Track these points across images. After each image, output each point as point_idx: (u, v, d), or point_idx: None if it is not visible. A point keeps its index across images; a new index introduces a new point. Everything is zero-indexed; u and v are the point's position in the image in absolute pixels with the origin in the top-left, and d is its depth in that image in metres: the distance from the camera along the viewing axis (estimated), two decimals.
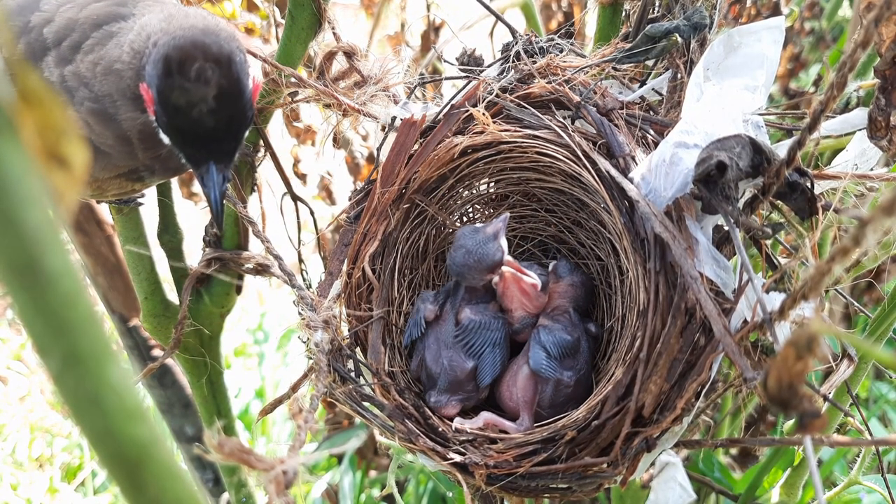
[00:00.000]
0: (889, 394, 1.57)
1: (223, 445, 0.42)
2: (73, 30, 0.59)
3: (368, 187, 0.77)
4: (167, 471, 0.24)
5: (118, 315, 1.04)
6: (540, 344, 0.74)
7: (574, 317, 0.78)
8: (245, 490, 1.01)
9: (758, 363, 0.55)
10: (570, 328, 0.76)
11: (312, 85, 0.74)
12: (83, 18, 0.60)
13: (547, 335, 0.74)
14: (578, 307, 0.79)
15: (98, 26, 0.59)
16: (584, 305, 0.81)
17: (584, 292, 0.80)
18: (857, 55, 0.45)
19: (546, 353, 0.73)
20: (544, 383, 0.73)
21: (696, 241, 0.57)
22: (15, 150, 0.20)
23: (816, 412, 0.39)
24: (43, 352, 0.21)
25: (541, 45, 0.73)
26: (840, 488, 0.83)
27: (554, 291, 0.79)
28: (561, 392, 0.73)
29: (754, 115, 0.61)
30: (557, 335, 0.74)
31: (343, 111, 0.75)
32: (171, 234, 0.89)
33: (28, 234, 0.20)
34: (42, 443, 1.85)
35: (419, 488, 1.40)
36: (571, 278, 0.79)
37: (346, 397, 0.69)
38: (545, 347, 0.73)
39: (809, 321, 0.40)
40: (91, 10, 0.60)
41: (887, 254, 0.75)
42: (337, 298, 0.74)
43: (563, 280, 0.79)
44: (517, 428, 0.72)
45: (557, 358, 0.73)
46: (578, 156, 0.67)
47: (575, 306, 0.79)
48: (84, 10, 0.60)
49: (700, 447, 1.06)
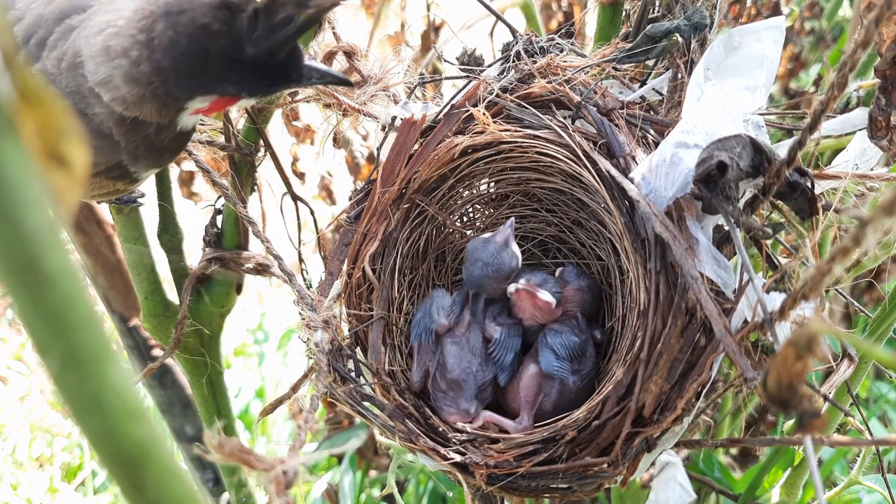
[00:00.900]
0: (889, 394, 1.57)
1: (223, 445, 0.42)
2: (39, 26, 0.58)
3: (368, 187, 0.76)
4: (167, 471, 0.24)
5: (118, 315, 1.04)
6: (548, 346, 0.74)
7: (582, 321, 0.78)
8: (245, 490, 1.01)
9: (758, 363, 0.55)
10: (578, 331, 0.76)
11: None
12: (48, 14, 0.58)
13: (554, 337, 0.75)
14: (586, 312, 0.79)
15: (60, 20, 0.58)
16: (591, 310, 0.81)
17: (591, 297, 0.80)
18: (858, 55, 0.45)
19: (555, 354, 0.73)
20: (550, 386, 0.73)
21: (697, 241, 0.57)
22: (15, 150, 0.20)
23: (816, 412, 0.39)
24: (43, 352, 0.21)
25: (541, 45, 0.73)
26: (840, 488, 0.83)
27: (564, 296, 0.79)
28: (565, 396, 0.73)
29: (754, 115, 0.61)
30: (565, 337, 0.75)
31: (343, 111, 0.75)
32: (171, 234, 0.89)
33: (28, 234, 0.20)
34: (42, 443, 1.85)
35: (419, 488, 1.40)
36: (578, 283, 0.80)
37: (346, 397, 0.69)
38: (553, 349, 0.74)
39: (809, 321, 0.40)
40: (56, 5, 0.59)
41: (887, 254, 0.75)
42: (337, 298, 0.74)
43: (570, 285, 0.79)
44: (516, 427, 0.72)
45: (567, 359, 0.73)
46: (579, 156, 0.67)
47: (582, 311, 0.79)
48: (50, 5, 0.59)
49: (700, 447, 1.06)
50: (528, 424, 0.72)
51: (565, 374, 0.73)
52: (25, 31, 0.58)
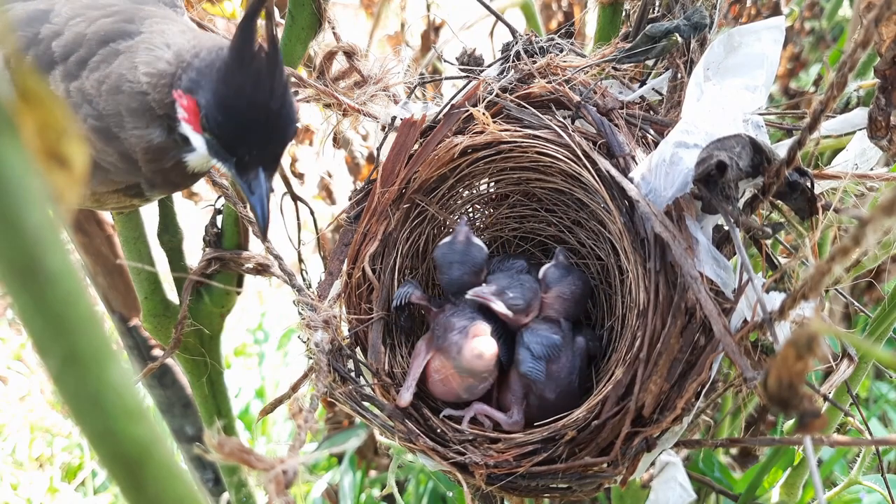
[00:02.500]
0: (889, 394, 1.57)
1: (223, 445, 0.42)
2: (80, 45, 0.59)
3: (368, 187, 0.77)
4: (167, 471, 0.24)
5: (118, 315, 1.04)
6: (525, 346, 0.72)
7: (565, 326, 0.75)
8: (245, 490, 1.01)
9: (758, 363, 0.55)
10: (557, 330, 0.74)
11: (312, 85, 0.74)
12: (91, 34, 0.59)
13: (531, 336, 0.73)
14: (570, 317, 0.77)
15: (105, 43, 0.59)
16: (576, 314, 0.78)
17: (574, 302, 0.77)
18: (857, 55, 0.45)
19: (531, 353, 0.72)
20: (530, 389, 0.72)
21: (696, 240, 0.57)
22: (15, 150, 0.20)
23: (816, 412, 0.39)
24: (43, 352, 0.21)
25: (541, 45, 0.73)
26: (840, 488, 0.83)
27: (544, 301, 0.77)
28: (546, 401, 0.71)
29: (754, 114, 0.61)
30: (542, 335, 0.73)
31: (343, 111, 0.75)
32: (171, 234, 0.89)
33: (28, 234, 0.20)
34: (42, 443, 1.85)
35: (419, 488, 1.40)
36: (560, 288, 0.77)
37: (346, 397, 0.69)
38: (529, 348, 0.72)
39: (809, 321, 0.40)
40: (99, 26, 0.60)
41: (887, 254, 0.75)
42: (337, 298, 0.74)
43: (552, 289, 0.77)
44: (507, 421, 0.72)
45: (544, 358, 0.71)
46: (578, 155, 0.67)
47: (566, 316, 0.76)
48: (92, 25, 0.60)
49: (700, 447, 1.06)
50: (518, 419, 0.72)
51: (540, 376, 0.71)
52: (64, 47, 0.59)
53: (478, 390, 0.73)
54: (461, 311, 0.75)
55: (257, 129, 0.54)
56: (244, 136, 0.55)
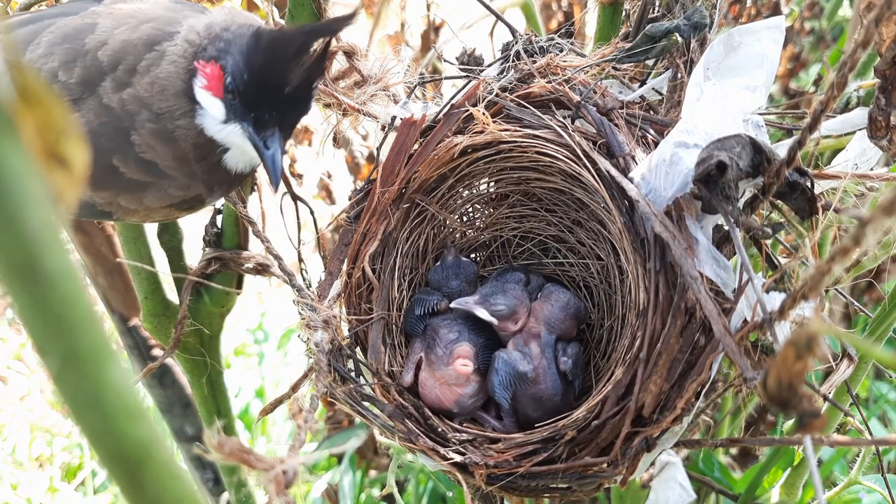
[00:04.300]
0: (889, 394, 1.57)
1: (223, 445, 0.42)
2: (128, 52, 0.60)
3: (368, 187, 0.76)
4: (167, 471, 0.24)
5: (118, 315, 1.04)
6: (496, 371, 0.72)
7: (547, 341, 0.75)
8: (245, 490, 1.01)
9: (758, 363, 0.55)
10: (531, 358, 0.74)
11: None
12: (135, 39, 0.61)
13: (502, 364, 0.73)
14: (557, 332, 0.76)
15: (150, 47, 0.61)
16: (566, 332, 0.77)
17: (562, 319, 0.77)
18: (857, 55, 0.45)
19: (499, 379, 0.72)
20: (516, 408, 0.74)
21: (696, 240, 0.57)
22: (15, 150, 0.20)
23: (816, 412, 0.39)
24: (43, 352, 0.21)
25: (541, 45, 0.73)
26: (840, 488, 0.83)
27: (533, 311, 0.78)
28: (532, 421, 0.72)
29: (754, 114, 0.61)
30: (512, 364, 0.72)
31: (343, 111, 0.75)
32: (170, 234, 0.89)
33: (28, 234, 0.20)
34: (42, 443, 1.85)
35: (419, 488, 1.40)
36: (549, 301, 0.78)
37: (346, 397, 0.69)
38: (498, 373, 0.72)
39: (809, 321, 0.40)
40: (143, 31, 0.61)
41: (887, 254, 0.75)
42: (337, 298, 0.74)
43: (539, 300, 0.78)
44: (496, 426, 0.73)
45: (508, 387, 0.71)
46: (578, 155, 0.67)
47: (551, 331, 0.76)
48: (136, 31, 0.61)
49: (700, 447, 1.06)
50: (510, 427, 0.73)
51: (505, 404, 0.72)
52: (111, 56, 0.60)
53: (468, 404, 0.74)
54: (452, 319, 0.77)
55: (280, 93, 0.56)
56: (267, 95, 0.57)
